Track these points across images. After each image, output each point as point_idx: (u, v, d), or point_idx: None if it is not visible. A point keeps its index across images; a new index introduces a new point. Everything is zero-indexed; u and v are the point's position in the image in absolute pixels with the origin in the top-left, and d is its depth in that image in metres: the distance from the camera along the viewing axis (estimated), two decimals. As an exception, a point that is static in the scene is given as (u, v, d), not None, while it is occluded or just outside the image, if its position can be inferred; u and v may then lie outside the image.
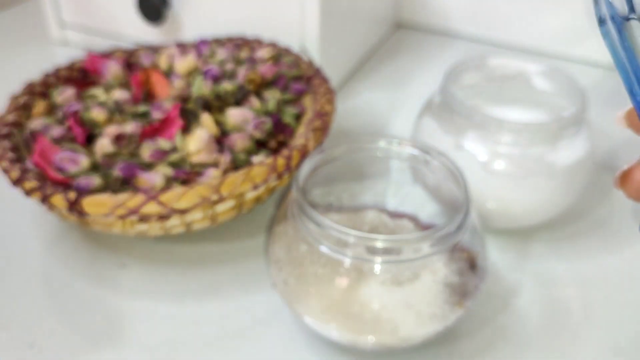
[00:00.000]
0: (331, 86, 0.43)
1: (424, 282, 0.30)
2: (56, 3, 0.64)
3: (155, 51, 0.47)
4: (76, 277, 0.38)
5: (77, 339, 0.34)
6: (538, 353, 0.33)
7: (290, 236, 0.32)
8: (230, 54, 0.46)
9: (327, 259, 0.30)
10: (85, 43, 0.65)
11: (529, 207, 0.38)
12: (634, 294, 0.37)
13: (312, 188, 0.36)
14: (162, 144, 0.36)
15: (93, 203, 0.32)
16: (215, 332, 0.34)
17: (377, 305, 0.30)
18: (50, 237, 0.41)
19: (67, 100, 0.42)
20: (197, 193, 0.33)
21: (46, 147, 0.36)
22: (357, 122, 0.54)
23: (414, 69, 0.63)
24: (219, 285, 0.37)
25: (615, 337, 0.34)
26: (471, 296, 0.31)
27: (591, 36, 0.61)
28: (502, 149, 0.37)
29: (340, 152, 0.35)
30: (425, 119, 0.41)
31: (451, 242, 0.30)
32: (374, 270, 0.30)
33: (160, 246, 0.40)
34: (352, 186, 0.39)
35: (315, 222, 0.30)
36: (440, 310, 0.30)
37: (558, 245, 0.40)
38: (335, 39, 0.55)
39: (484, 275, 0.32)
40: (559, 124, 0.36)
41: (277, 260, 0.32)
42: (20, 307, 0.35)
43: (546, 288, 0.37)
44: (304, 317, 0.31)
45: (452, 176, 0.33)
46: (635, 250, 0.40)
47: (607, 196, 0.45)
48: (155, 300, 0.36)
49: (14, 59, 0.64)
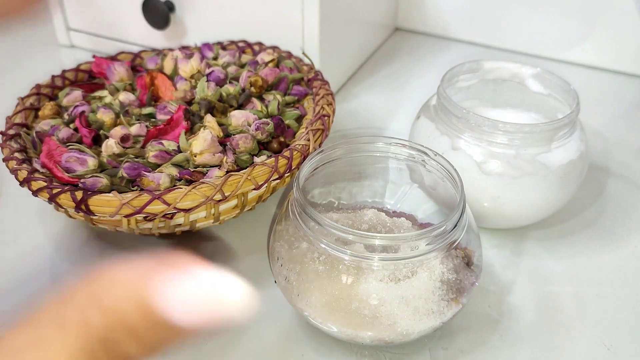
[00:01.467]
0: (330, 89, 0.44)
1: (421, 279, 0.31)
2: (63, 8, 0.65)
3: (160, 54, 0.48)
4: (83, 273, 0.38)
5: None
6: (531, 348, 0.34)
7: (291, 234, 0.33)
8: (232, 57, 0.47)
9: (327, 256, 0.31)
10: (91, 46, 0.66)
11: (523, 207, 0.39)
12: (626, 291, 0.38)
13: (312, 188, 0.37)
14: (167, 145, 0.37)
15: (99, 202, 0.33)
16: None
17: (376, 302, 0.30)
18: (56, 235, 0.41)
19: (73, 102, 0.43)
20: (201, 192, 0.33)
21: (53, 148, 0.37)
22: (356, 124, 0.55)
23: (411, 71, 0.64)
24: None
25: (607, 332, 0.35)
26: (467, 293, 0.32)
27: (584, 39, 0.62)
28: (496, 149, 0.37)
29: (340, 152, 0.36)
30: (422, 120, 0.42)
31: (448, 240, 0.31)
32: (373, 267, 0.30)
33: (165, 243, 0.41)
34: (351, 186, 0.39)
35: (316, 221, 0.31)
36: (437, 306, 0.31)
37: (551, 244, 0.41)
38: (334, 43, 0.55)
39: (479, 273, 0.33)
40: (553, 125, 0.37)
41: (279, 257, 0.33)
42: (28, 303, 0.36)
43: (539, 285, 0.38)
44: (305, 312, 0.32)
45: (449, 176, 0.34)
46: (627, 248, 0.41)
47: (599, 195, 0.45)
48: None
49: (21, 62, 0.65)
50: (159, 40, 0.61)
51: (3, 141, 0.39)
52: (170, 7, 0.57)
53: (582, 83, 0.59)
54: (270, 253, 0.34)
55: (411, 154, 0.36)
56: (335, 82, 0.57)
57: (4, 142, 0.39)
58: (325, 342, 0.34)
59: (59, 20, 0.66)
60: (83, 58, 0.48)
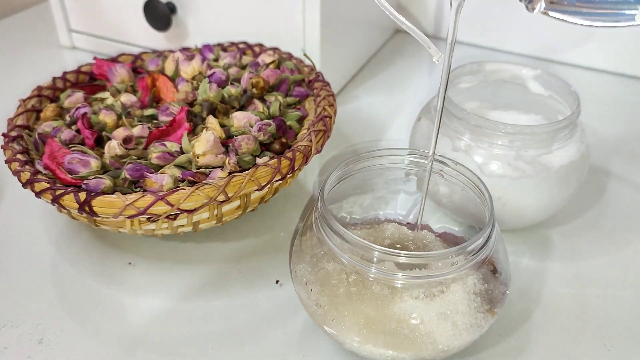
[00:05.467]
0: (332, 90, 0.44)
1: (455, 293, 0.30)
2: (64, 9, 0.65)
3: (161, 56, 0.48)
4: (85, 275, 0.39)
5: (85, 335, 0.35)
6: (533, 348, 0.34)
7: (317, 256, 0.32)
8: (233, 59, 0.47)
9: (358, 276, 0.30)
10: (93, 48, 0.66)
11: (523, 208, 0.39)
12: (626, 292, 0.38)
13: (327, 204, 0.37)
14: (169, 147, 0.37)
15: (103, 203, 0.33)
16: (220, 328, 0.35)
17: (415, 320, 0.29)
18: (59, 236, 0.42)
19: (75, 103, 0.43)
20: (204, 193, 0.34)
21: (56, 150, 0.37)
22: (356, 125, 0.55)
23: (411, 73, 0.64)
24: (224, 282, 0.38)
25: (607, 333, 0.35)
26: (500, 302, 0.31)
27: (585, 41, 0.62)
28: (497, 151, 0.38)
29: (360, 166, 0.35)
30: (422, 121, 0.42)
31: (484, 254, 0.30)
32: (407, 285, 0.29)
33: (167, 245, 0.41)
34: (362, 199, 0.39)
35: (346, 240, 0.29)
36: (474, 319, 0.30)
37: (552, 244, 0.41)
38: (335, 45, 0.56)
39: (508, 281, 0.32)
40: (553, 126, 0.37)
41: (306, 281, 0.32)
42: (30, 304, 0.36)
43: (540, 285, 0.38)
44: (341, 337, 0.31)
45: (472, 186, 0.34)
46: (627, 249, 0.41)
47: (600, 196, 0.46)
48: (162, 298, 0.37)
49: (22, 63, 0.65)
50: (160, 41, 0.61)
51: (5, 143, 0.39)
52: (172, 8, 0.57)
53: (583, 85, 0.59)
54: (294, 275, 0.33)
55: (428, 163, 0.35)
56: (336, 83, 0.57)
57: (6, 143, 0.39)
58: (326, 344, 0.34)
59: (60, 22, 0.66)
60: (84, 59, 0.48)
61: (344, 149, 0.51)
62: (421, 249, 0.36)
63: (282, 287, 0.38)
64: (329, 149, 0.51)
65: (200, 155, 0.36)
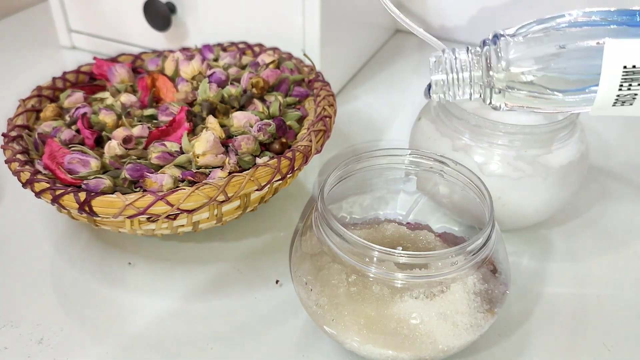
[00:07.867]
0: (331, 90, 0.44)
1: (455, 293, 0.30)
2: (64, 9, 0.65)
3: (161, 56, 0.48)
4: (84, 275, 0.39)
5: (84, 335, 0.35)
6: (533, 348, 0.34)
7: (317, 256, 0.32)
8: (233, 59, 0.47)
9: (358, 276, 0.30)
10: (92, 48, 0.66)
11: (523, 208, 0.39)
12: (626, 292, 0.38)
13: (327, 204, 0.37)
14: (169, 147, 0.37)
15: (103, 203, 0.33)
16: (220, 328, 0.35)
17: (415, 320, 0.29)
18: (59, 236, 0.42)
19: (75, 103, 0.43)
20: (204, 193, 0.34)
21: (56, 150, 0.37)
22: (356, 125, 0.55)
23: (411, 73, 0.64)
24: (224, 282, 0.38)
25: (607, 333, 0.35)
26: (500, 302, 0.31)
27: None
28: (497, 151, 0.38)
29: (360, 166, 0.35)
30: (422, 121, 0.42)
31: (484, 254, 0.30)
32: (407, 285, 0.29)
33: (167, 245, 0.41)
34: (361, 199, 0.39)
35: (346, 240, 0.30)
36: (474, 319, 0.30)
37: (551, 244, 0.41)
38: (335, 45, 0.56)
39: (508, 281, 0.32)
40: (553, 126, 0.37)
41: (306, 281, 0.32)
42: (30, 304, 0.36)
43: (539, 286, 0.38)
44: (340, 337, 0.31)
45: (472, 186, 0.34)
46: (627, 249, 0.41)
47: (599, 196, 0.46)
48: (162, 298, 0.37)
49: (22, 63, 0.65)
50: (160, 41, 0.61)
51: (5, 143, 0.39)
52: (171, 8, 0.57)
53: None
54: (294, 275, 0.33)
55: (428, 164, 0.36)
56: (336, 83, 0.57)
57: (6, 143, 0.39)
58: (326, 343, 0.34)
59: (60, 22, 0.66)
60: (84, 59, 0.48)
61: (344, 149, 0.51)
62: (421, 249, 0.36)
63: (282, 287, 0.38)
64: (329, 149, 0.51)
65: (200, 155, 0.36)
